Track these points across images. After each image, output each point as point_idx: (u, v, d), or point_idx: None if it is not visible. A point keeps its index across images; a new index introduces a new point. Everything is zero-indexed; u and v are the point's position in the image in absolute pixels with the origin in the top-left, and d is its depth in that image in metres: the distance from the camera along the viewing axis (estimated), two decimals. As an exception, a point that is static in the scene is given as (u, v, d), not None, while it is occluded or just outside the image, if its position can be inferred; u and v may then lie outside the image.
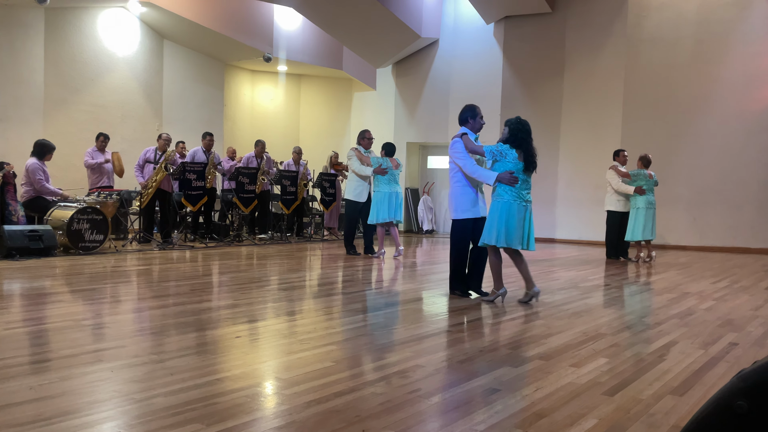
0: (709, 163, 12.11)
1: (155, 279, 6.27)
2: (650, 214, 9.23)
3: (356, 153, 8.90)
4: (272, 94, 16.35)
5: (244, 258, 8.50)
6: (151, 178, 9.45)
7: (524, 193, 5.21)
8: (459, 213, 5.59)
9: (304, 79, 16.57)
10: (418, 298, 5.68)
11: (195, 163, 9.82)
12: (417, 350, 3.62)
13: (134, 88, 12.61)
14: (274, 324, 4.30)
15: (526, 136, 5.24)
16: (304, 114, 16.69)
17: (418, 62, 15.00)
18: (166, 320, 4.25)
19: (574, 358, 3.56)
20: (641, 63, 12.74)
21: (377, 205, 8.73)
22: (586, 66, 13.33)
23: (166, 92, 13.31)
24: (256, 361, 3.33)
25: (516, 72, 13.81)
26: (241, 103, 15.69)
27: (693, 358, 3.65)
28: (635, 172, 9.33)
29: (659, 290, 6.49)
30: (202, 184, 9.77)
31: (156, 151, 9.72)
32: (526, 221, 5.21)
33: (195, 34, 12.92)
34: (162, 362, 3.18)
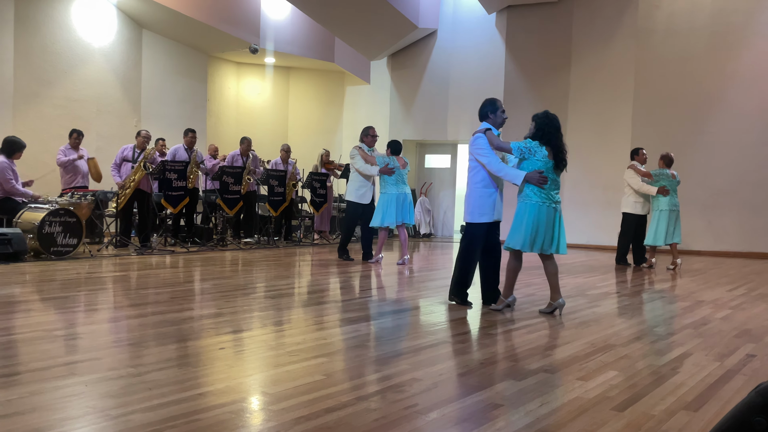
0: (725, 163, 12.16)
1: (133, 286, 6.25)
2: (674, 217, 9.17)
3: (360, 152, 8.81)
4: (259, 88, 16.33)
5: (229, 264, 8.47)
6: (129, 178, 9.43)
7: (553, 194, 5.16)
8: (477, 216, 5.48)
9: (293, 72, 16.57)
10: (415, 306, 5.67)
11: (176, 162, 9.80)
12: (414, 362, 3.62)
13: (111, 81, 12.58)
14: (260, 334, 4.29)
15: (555, 131, 5.16)
16: (293, 109, 16.68)
17: (415, 54, 15.02)
18: (144, 330, 4.24)
19: (581, 370, 3.56)
20: (653, 56, 12.79)
21: (384, 207, 8.64)
22: (594, 59, 13.38)
23: (145, 86, 13.28)
24: (242, 375, 3.32)
25: (519, 65, 13.84)
26: (225, 97, 15.67)
27: (708, 370, 3.66)
28: (657, 172, 9.27)
29: (672, 298, 6.52)
30: (184, 184, 9.74)
31: (134, 148, 9.71)
32: (556, 224, 5.17)
33: (176, 23, 12.91)
34: (140, 376, 3.17)
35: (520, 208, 5.21)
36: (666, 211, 9.15)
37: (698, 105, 12.40)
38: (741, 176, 12.04)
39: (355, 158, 8.85)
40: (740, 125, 12.08)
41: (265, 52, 14.70)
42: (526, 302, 5.90)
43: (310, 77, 16.61)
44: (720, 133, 12.23)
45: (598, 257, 11.07)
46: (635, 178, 9.41)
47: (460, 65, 14.48)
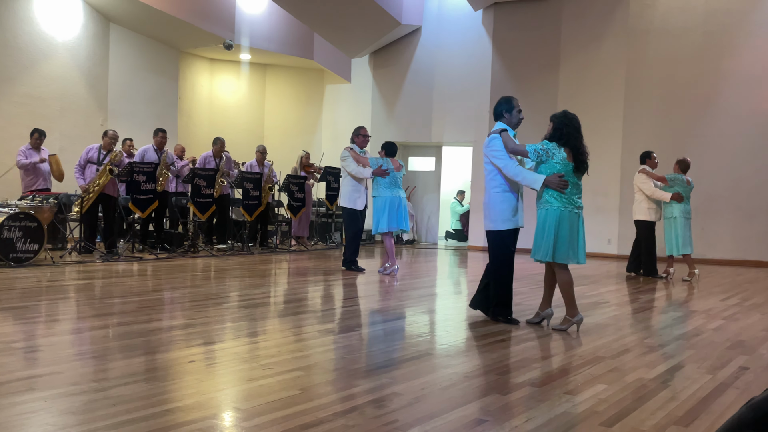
0: (718, 167, 12.32)
1: (97, 295, 6.19)
2: (687, 225, 9.17)
3: (351, 153, 8.70)
4: (233, 86, 16.28)
5: (200, 271, 8.42)
6: (93, 182, 9.32)
7: (575, 198, 5.08)
8: (499, 223, 5.34)
9: (269, 69, 16.54)
10: (396, 317, 5.67)
11: (144, 164, 9.73)
12: (394, 376, 3.62)
13: (76, 77, 12.46)
14: (233, 346, 4.26)
15: (575, 132, 5.07)
16: (270, 109, 16.65)
17: (399, 52, 15.07)
18: (109, 342, 4.20)
19: (569, 384, 3.59)
20: (644, 56, 12.95)
21: (378, 212, 8.54)
22: (584, 59, 13.51)
23: (113, 83, 13.18)
24: (212, 389, 3.30)
25: (507, 64, 13.94)
26: (197, 95, 15.60)
27: (699, 384, 3.70)
28: (672, 177, 9.23)
29: (663, 308, 6.58)
30: (153, 187, 9.68)
31: (100, 149, 9.60)
32: (579, 232, 5.09)
33: (146, 17, 12.83)
34: (104, 391, 3.14)
35: (541, 216, 5.10)
36: (680, 218, 9.09)
37: (691, 107, 12.56)
38: (735, 181, 12.21)
39: (347, 160, 8.72)
40: (734, 128, 12.25)
41: (240, 48, 14.66)
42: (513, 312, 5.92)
43: (288, 75, 16.59)
44: (713, 136, 12.40)
45: (587, 265, 11.14)
46: (648, 182, 9.36)
47: (445, 64, 14.55)
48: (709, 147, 12.38)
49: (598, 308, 6.47)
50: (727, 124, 12.31)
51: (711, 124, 12.44)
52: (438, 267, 10.71)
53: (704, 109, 12.49)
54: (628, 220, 12.56)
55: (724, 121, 12.35)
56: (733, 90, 12.31)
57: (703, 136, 12.45)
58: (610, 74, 13.21)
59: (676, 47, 12.70)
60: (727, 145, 12.29)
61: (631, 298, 7.44)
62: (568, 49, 13.68)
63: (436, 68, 14.67)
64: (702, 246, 12.40)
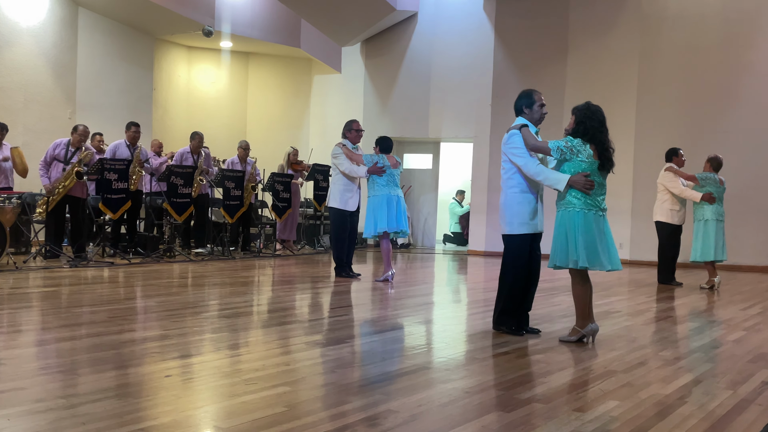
0: (738, 165, 12.36)
1: (64, 304, 6.16)
2: (721, 228, 9.12)
3: (344, 150, 8.65)
4: (213, 77, 16.26)
5: (177, 277, 8.40)
6: (59, 183, 9.24)
7: (600, 199, 5.02)
8: (516, 226, 5.29)
9: (252, 58, 16.52)
10: (391, 327, 5.67)
11: (116, 161, 9.70)
12: (389, 392, 3.62)
13: (41, 66, 12.42)
14: (212, 360, 4.25)
15: (599, 125, 4.99)
16: (253, 101, 16.63)
17: (393, 40, 15.08)
18: (77, 355, 4.18)
19: (578, 400, 3.59)
20: (659, 45, 12.99)
21: (374, 211, 8.48)
22: (593, 48, 13.55)
23: (81, 72, 13.14)
24: (190, 406, 3.29)
25: (510, 54, 13.97)
26: (174, 86, 15.57)
27: (719, 400, 3.71)
28: (704, 176, 9.18)
29: (680, 318, 6.60)
30: (125, 185, 9.65)
31: (68, 146, 9.54)
32: (608, 234, 5.05)
33: (117, 0, 12.80)
34: (72, 408, 3.12)
35: (561, 218, 5.05)
36: (713, 222, 9.04)
37: (710, 100, 12.61)
38: (757, 180, 12.26)
39: (339, 157, 8.65)
40: (756, 123, 12.30)
41: (221, 35, 14.65)
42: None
43: (273, 65, 16.58)
44: (734, 131, 12.45)
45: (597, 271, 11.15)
46: (675, 181, 9.35)
47: (443, 53, 14.57)
48: (729, 144, 12.42)
49: (610, 318, 6.48)
50: (749, 118, 12.36)
51: (732, 118, 12.49)
52: (435, 273, 10.72)
53: (724, 102, 12.54)
54: (642, 222, 12.62)
55: (745, 116, 12.40)
56: (756, 81, 12.36)
57: (723, 131, 12.50)
58: (622, 65, 13.25)
59: (694, 35, 12.75)
60: (749, 142, 12.34)
61: (645, 308, 7.45)
62: (576, 37, 13.72)
63: (433, 58, 14.68)
64: (721, 251, 12.44)
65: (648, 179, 12.01)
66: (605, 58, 13.43)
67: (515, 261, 5.35)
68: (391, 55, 15.10)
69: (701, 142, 12.46)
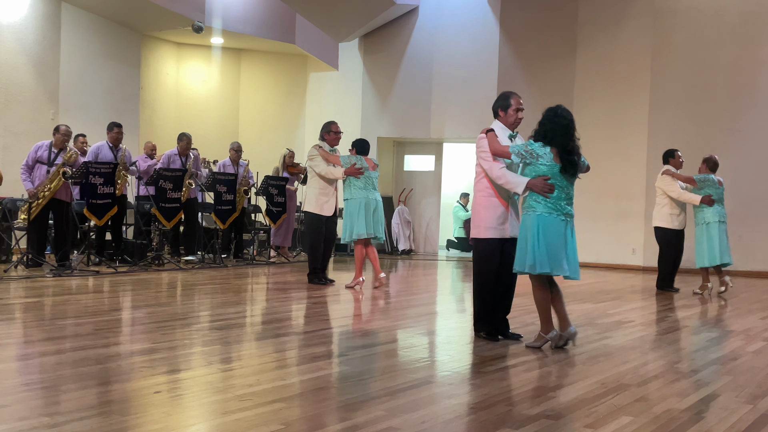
0: (756, 165, 12.39)
1: (48, 315, 6.16)
2: (724, 230, 9.18)
3: (320, 151, 8.72)
4: (204, 75, 16.26)
5: (166, 287, 8.39)
6: (43, 186, 9.25)
7: (563, 204, 5.15)
8: (482, 230, 5.49)
9: (245, 55, 16.53)
10: (392, 339, 5.67)
11: (102, 164, 9.69)
12: (391, 408, 3.62)
13: (22, 64, 12.43)
14: (204, 374, 4.25)
15: (560, 129, 5.14)
16: (246, 100, 16.63)
17: (393, 36, 15.10)
18: (61, 370, 4.17)
19: (589, 416, 3.59)
20: (673, 40, 13.01)
21: (351, 216, 8.53)
22: (603, 43, 13.57)
23: (65, 71, 13.15)
24: (181, 424, 3.29)
25: (516, 50, 13.98)
26: (163, 85, 15.58)
27: (738, 415, 3.71)
28: (702, 177, 9.25)
29: (696, 328, 6.61)
30: (111, 190, 9.65)
31: (51, 147, 9.55)
32: (567, 241, 5.16)
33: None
34: (57, 426, 3.12)
35: (523, 222, 5.23)
36: (715, 224, 9.10)
37: (725, 98, 12.63)
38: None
39: (315, 159, 8.74)
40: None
41: (212, 31, 14.65)
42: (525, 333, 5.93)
43: (266, 62, 16.59)
44: (751, 130, 12.46)
45: (609, 278, 11.17)
46: (673, 184, 9.40)
47: (445, 49, 14.58)
48: (746, 143, 12.44)
49: (622, 328, 6.48)
50: (766, 116, 12.37)
51: (748, 116, 12.50)
52: (438, 281, 10.72)
53: (741, 99, 12.55)
54: (655, 226, 12.62)
55: (763, 114, 12.41)
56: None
57: (740, 130, 12.51)
58: (634, 61, 13.26)
59: (709, 30, 12.77)
60: (765, 140, 12.34)
61: (659, 317, 7.46)
62: (585, 32, 13.73)
63: (435, 54, 14.69)
64: (739, 256, 12.37)
65: (662, 181, 12.01)
66: (616, 54, 13.44)
67: (483, 266, 5.56)
68: (391, 51, 15.11)
69: (716, 140, 12.47)
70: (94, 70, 13.63)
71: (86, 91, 13.48)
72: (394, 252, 14.96)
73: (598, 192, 13.42)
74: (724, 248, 9.15)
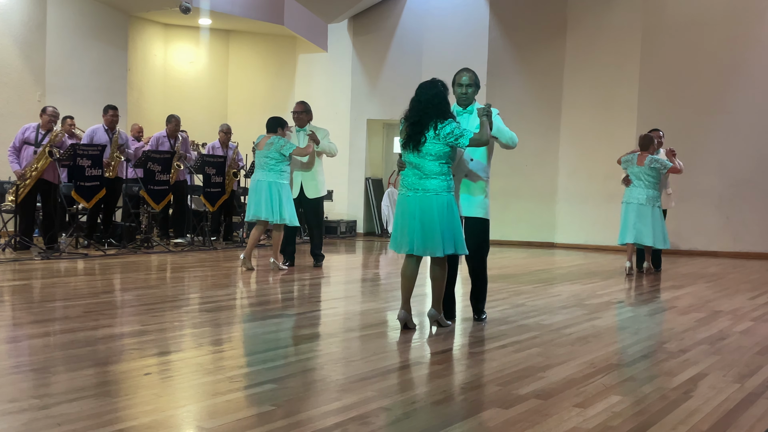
0: (745, 147, 12.43)
1: (36, 298, 6.14)
2: (645, 212, 9.19)
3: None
4: (192, 56, 16.15)
5: (155, 270, 8.38)
6: (30, 167, 9.23)
7: (408, 180, 5.12)
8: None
9: (233, 36, 16.42)
10: (382, 320, 5.68)
11: (89, 146, 9.64)
12: (381, 389, 3.63)
13: (8, 46, 12.31)
14: (194, 356, 4.25)
15: (412, 103, 5.22)
16: (234, 82, 16.54)
17: (382, 17, 15.02)
18: (51, 353, 4.17)
19: (579, 395, 3.62)
20: (663, 21, 12.99)
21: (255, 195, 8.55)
22: (594, 23, 13.53)
23: (51, 52, 13.03)
24: (171, 406, 3.29)
25: (506, 30, 13.94)
26: (150, 66, 15.46)
27: (726, 394, 3.74)
28: (624, 158, 9.43)
29: (684, 308, 6.65)
30: (99, 172, 9.60)
31: (38, 129, 9.52)
32: (408, 215, 5.08)
33: (89, -25, 12.67)
34: (46, 408, 3.12)
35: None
36: (626, 205, 9.27)
37: (715, 79, 12.63)
38: (765, 163, 12.31)
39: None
40: (765, 102, 12.33)
41: (200, 12, 14.54)
42: (515, 314, 5.96)
43: (255, 43, 16.48)
44: (741, 112, 12.48)
45: (597, 260, 11.22)
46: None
47: (435, 30, 14.51)
48: (736, 124, 12.46)
49: (611, 309, 6.52)
50: (757, 97, 12.38)
51: (738, 97, 12.51)
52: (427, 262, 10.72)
53: (731, 80, 12.56)
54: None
55: (753, 95, 12.42)
56: (764, 59, 12.37)
57: (730, 112, 12.53)
58: (624, 42, 13.23)
59: (700, 9, 12.74)
60: (756, 122, 12.36)
61: (648, 298, 7.50)
62: (575, 12, 13.69)
63: (425, 35, 14.63)
64: (727, 238, 12.51)
65: (651, 162, 12.03)
66: (605, 36, 13.41)
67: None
68: (381, 33, 15.04)
69: (705, 123, 12.50)
70: (81, 52, 13.51)
71: (73, 72, 13.37)
72: (384, 234, 14.96)
73: (587, 173, 13.45)
74: (638, 229, 9.15)
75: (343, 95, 15.21)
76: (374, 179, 15.42)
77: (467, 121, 5.48)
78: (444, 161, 5.04)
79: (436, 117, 5.03)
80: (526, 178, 13.64)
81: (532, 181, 13.73)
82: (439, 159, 5.02)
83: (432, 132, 5.00)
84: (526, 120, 13.04)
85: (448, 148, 5.03)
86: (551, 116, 13.80)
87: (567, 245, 13.40)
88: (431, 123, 5.02)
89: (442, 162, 5.03)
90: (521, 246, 13.29)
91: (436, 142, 5.00)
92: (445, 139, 4.99)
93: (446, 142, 4.99)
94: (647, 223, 9.14)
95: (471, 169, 5.50)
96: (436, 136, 4.99)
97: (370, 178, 15.31)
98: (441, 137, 4.99)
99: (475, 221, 5.57)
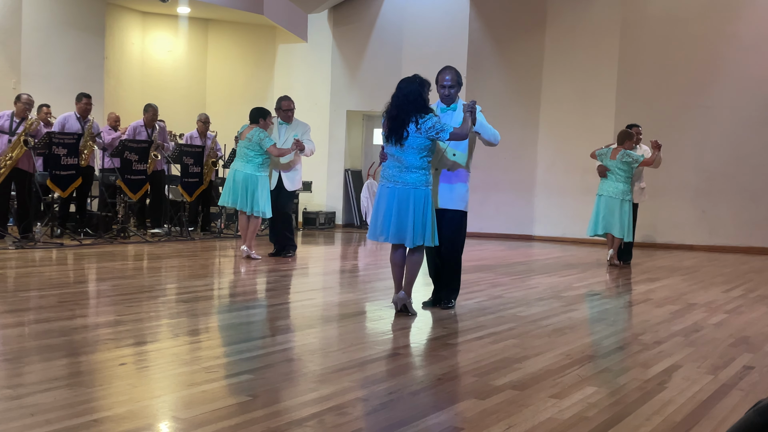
0: (721, 142, 12.54)
1: (11, 287, 6.09)
2: (614, 205, 9.28)
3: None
4: (170, 45, 16.02)
5: (132, 259, 8.33)
6: (5, 155, 9.14)
7: (389, 172, 5.35)
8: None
9: (212, 25, 16.31)
10: (359, 311, 5.69)
11: (65, 134, 9.55)
12: (358, 379, 3.63)
13: (-18, 32, 12.14)
14: (170, 347, 4.23)
15: (392, 99, 5.44)
16: (213, 71, 16.44)
17: (363, 7, 14.98)
18: (25, 342, 4.14)
19: (555, 386, 3.64)
20: (641, 15, 13.06)
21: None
22: (573, 18, 13.58)
23: (27, 39, 12.87)
24: (147, 396, 3.28)
25: (486, 24, 13.95)
26: (127, 55, 15.32)
27: (700, 385, 3.78)
28: (599, 152, 9.57)
29: (659, 301, 6.71)
30: (75, 161, 9.51)
31: (12, 117, 9.42)
32: (385, 206, 5.30)
33: (66, -38, 12.53)
34: (19, 398, 3.10)
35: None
36: (598, 197, 9.41)
37: (692, 74, 12.72)
38: (741, 157, 12.43)
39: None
40: (741, 97, 12.44)
41: (178, 1, 14.43)
42: (492, 306, 5.98)
43: (234, 32, 16.38)
44: (718, 106, 12.59)
45: (574, 252, 11.30)
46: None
47: (415, 22, 14.50)
48: (712, 118, 12.55)
49: (587, 301, 6.57)
50: (733, 92, 12.49)
51: (715, 92, 12.61)
52: (407, 255, 10.73)
53: (707, 76, 12.66)
54: (622, 201, 12.75)
55: (729, 90, 12.53)
56: (740, 54, 12.47)
57: (707, 106, 12.63)
58: (603, 36, 13.30)
59: (678, 4, 12.82)
60: (732, 116, 12.47)
61: (624, 290, 7.56)
62: (555, 7, 13.73)
63: (405, 26, 14.61)
64: (703, 231, 12.63)
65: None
66: (585, 29, 13.47)
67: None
68: (361, 23, 15.00)
69: (683, 117, 12.60)
70: (57, 39, 13.36)
71: (49, 60, 13.22)
72: (363, 226, 14.96)
73: (565, 166, 13.52)
74: (607, 220, 9.26)
75: (322, 86, 15.17)
76: (353, 171, 15.40)
77: (450, 118, 5.67)
78: (425, 154, 5.28)
79: (416, 112, 5.27)
80: (504, 171, 13.68)
81: (511, 174, 13.77)
82: (421, 152, 5.25)
83: (413, 126, 5.23)
84: (505, 113, 13.06)
85: (429, 141, 5.27)
86: (530, 110, 13.84)
87: (545, 238, 13.47)
88: (411, 118, 5.25)
89: (423, 155, 5.27)
90: (499, 238, 13.34)
91: (418, 136, 5.23)
92: (426, 133, 5.23)
93: (428, 135, 5.23)
94: (615, 216, 9.26)
95: (453, 162, 5.66)
96: (418, 130, 5.22)
97: (350, 169, 15.29)
98: (423, 131, 5.22)
99: (453, 213, 5.71)
